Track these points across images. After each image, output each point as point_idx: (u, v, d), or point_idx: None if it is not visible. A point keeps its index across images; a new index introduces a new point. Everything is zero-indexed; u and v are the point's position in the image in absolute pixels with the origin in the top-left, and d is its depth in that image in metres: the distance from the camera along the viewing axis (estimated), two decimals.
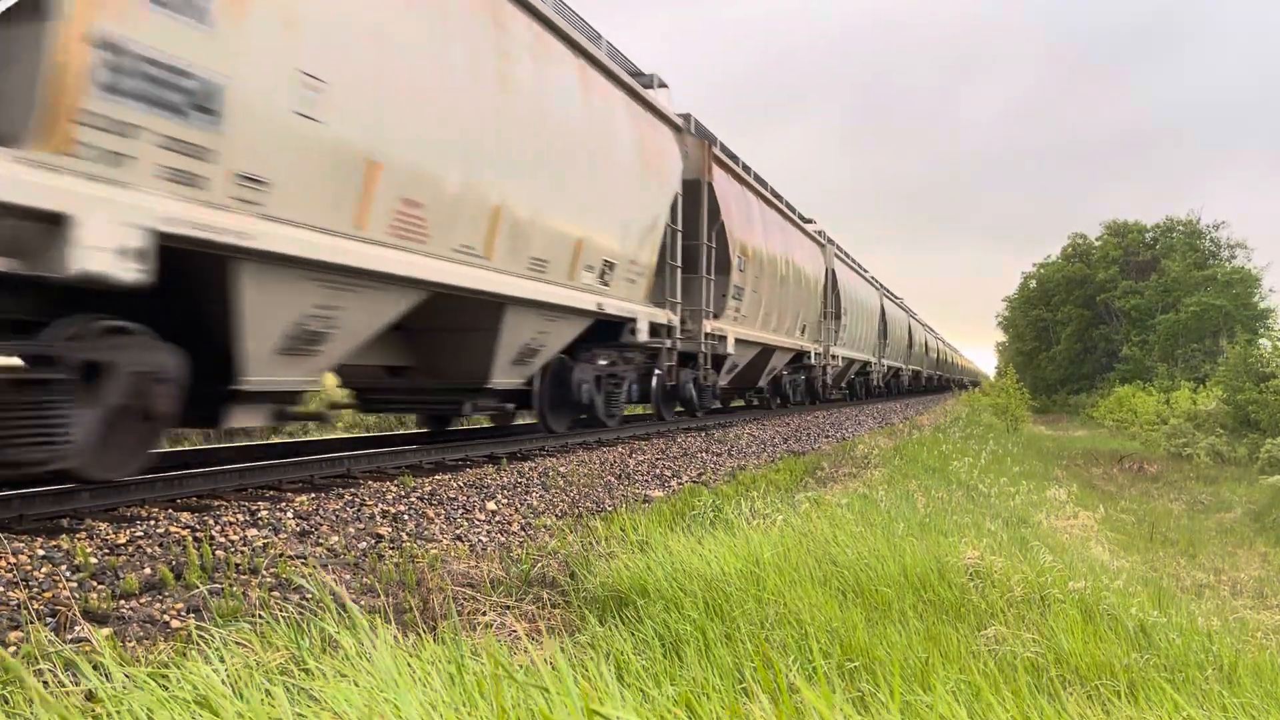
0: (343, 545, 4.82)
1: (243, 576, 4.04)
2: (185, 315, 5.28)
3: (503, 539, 5.53)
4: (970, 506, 8.75)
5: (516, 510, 6.28)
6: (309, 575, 3.96)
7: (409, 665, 2.43)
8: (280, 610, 3.36)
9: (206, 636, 2.90)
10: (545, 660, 2.42)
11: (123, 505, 5.17)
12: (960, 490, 9.99)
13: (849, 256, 26.77)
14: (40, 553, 4.03)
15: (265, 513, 5.16)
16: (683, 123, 12.42)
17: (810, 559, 4.86)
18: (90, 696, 2.46)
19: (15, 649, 2.97)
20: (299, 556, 4.43)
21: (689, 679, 3.14)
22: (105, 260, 4.23)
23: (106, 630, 3.22)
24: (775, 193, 17.86)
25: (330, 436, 11.54)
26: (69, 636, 3.13)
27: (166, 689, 2.33)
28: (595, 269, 9.32)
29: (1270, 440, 20.35)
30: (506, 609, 4.06)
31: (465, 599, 4.09)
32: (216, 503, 5.48)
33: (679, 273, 12.19)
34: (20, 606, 3.34)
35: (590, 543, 5.36)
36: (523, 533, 5.75)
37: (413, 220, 6.29)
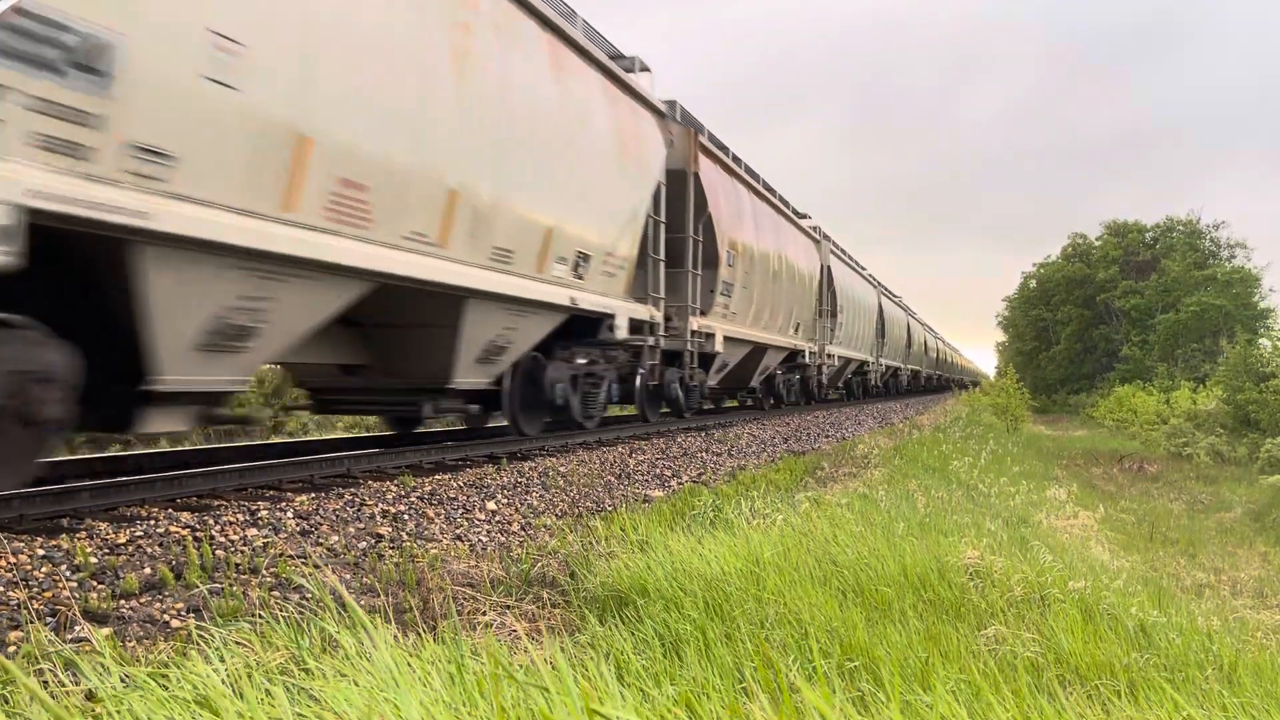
0: (343, 545, 4.82)
1: (243, 576, 4.05)
2: (87, 308, 4.78)
3: (503, 539, 5.53)
4: (970, 506, 8.75)
5: (516, 510, 6.28)
6: (309, 575, 3.96)
7: (409, 665, 2.43)
8: (280, 610, 3.36)
9: (206, 636, 2.90)
10: (545, 660, 2.43)
11: (123, 505, 5.18)
12: (960, 490, 9.99)
13: (845, 253, 26.20)
14: (40, 552, 4.03)
15: (265, 512, 5.16)
16: (667, 109, 11.86)
17: (810, 559, 4.86)
18: (90, 696, 2.46)
19: (15, 649, 2.97)
20: (299, 556, 4.43)
21: (689, 679, 3.14)
22: None
23: (106, 630, 3.22)
24: (768, 186, 17.32)
25: (330, 436, 11.52)
26: (69, 636, 3.13)
27: (166, 689, 2.33)
28: (568, 261, 8.83)
29: (1270, 440, 20.35)
30: (506, 609, 4.06)
31: (465, 599, 4.09)
32: (216, 502, 5.49)
33: (662, 267, 11.61)
34: (20, 606, 3.34)
35: (590, 542, 5.36)
36: (523, 532, 5.75)
37: (353, 203, 5.76)
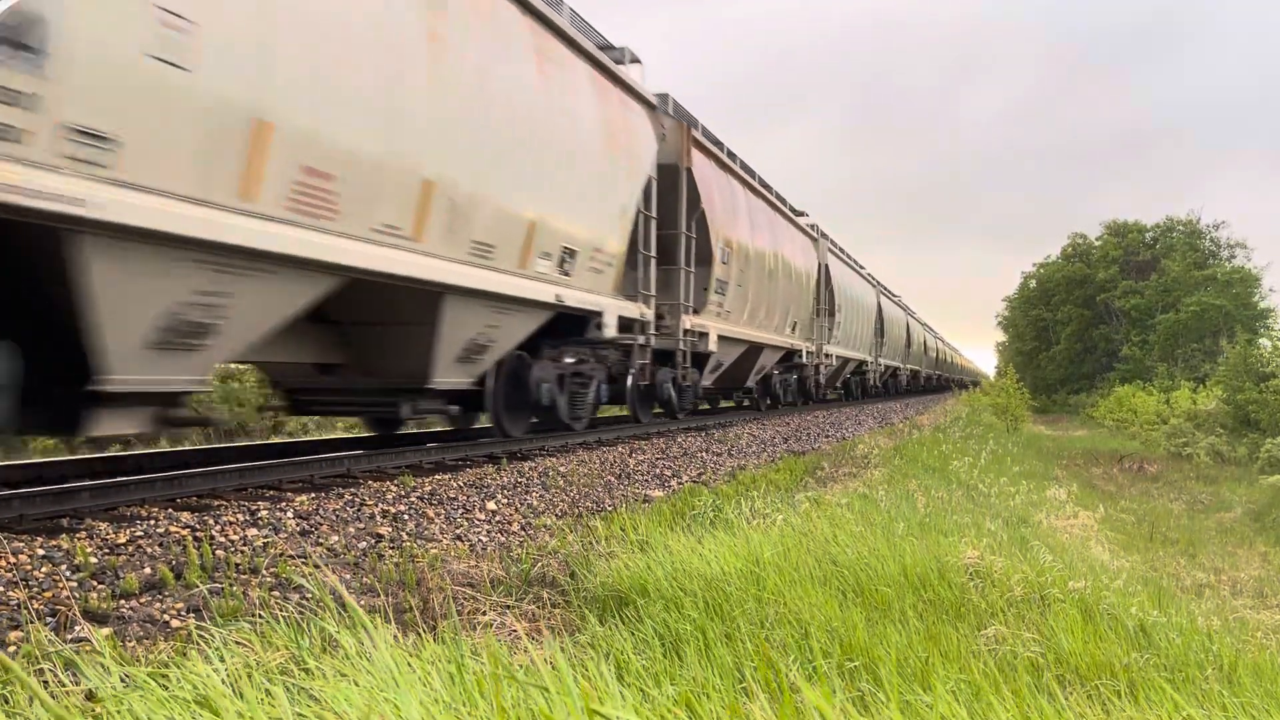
0: (343, 545, 4.82)
1: (243, 576, 4.05)
2: (27, 304, 4.54)
3: (503, 539, 5.53)
4: (970, 506, 8.75)
5: (516, 510, 6.28)
6: (309, 575, 3.96)
7: (409, 665, 2.43)
8: (280, 610, 3.36)
9: (206, 636, 2.90)
10: (545, 660, 2.42)
11: (123, 505, 5.18)
12: (960, 490, 9.99)
13: (844, 252, 25.86)
14: (40, 552, 4.03)
15: (265, 512, 5.16)
16: (658, 102, 11.49)
17: (810, 559, 4.86)
18: (90, 696, 2.46)
19: (15, 649, 2.97)
20: (299, 556, 4.43)
21: (689, 679, 3.14)
22: None
23: (106, 630, 3.22)
24: (764, 182, 17.01)
25: (330, 436, 11.52)
26: (69, 636, 3.13)
27: (167, 689, 2.33)
28: (553, 256, 8.50)
29: (1270, 440, 20.35)
30: (506, 609, 4.06)
31: (465, 599, 4.09)
32: (216, 502, 5.49)
33: (654, 263, 11.26)
34: (20, 606, 3.34)
35: (590, 542, 5.36)
36: (523, 532, 5.75)
37: (318, 193, 5.47)
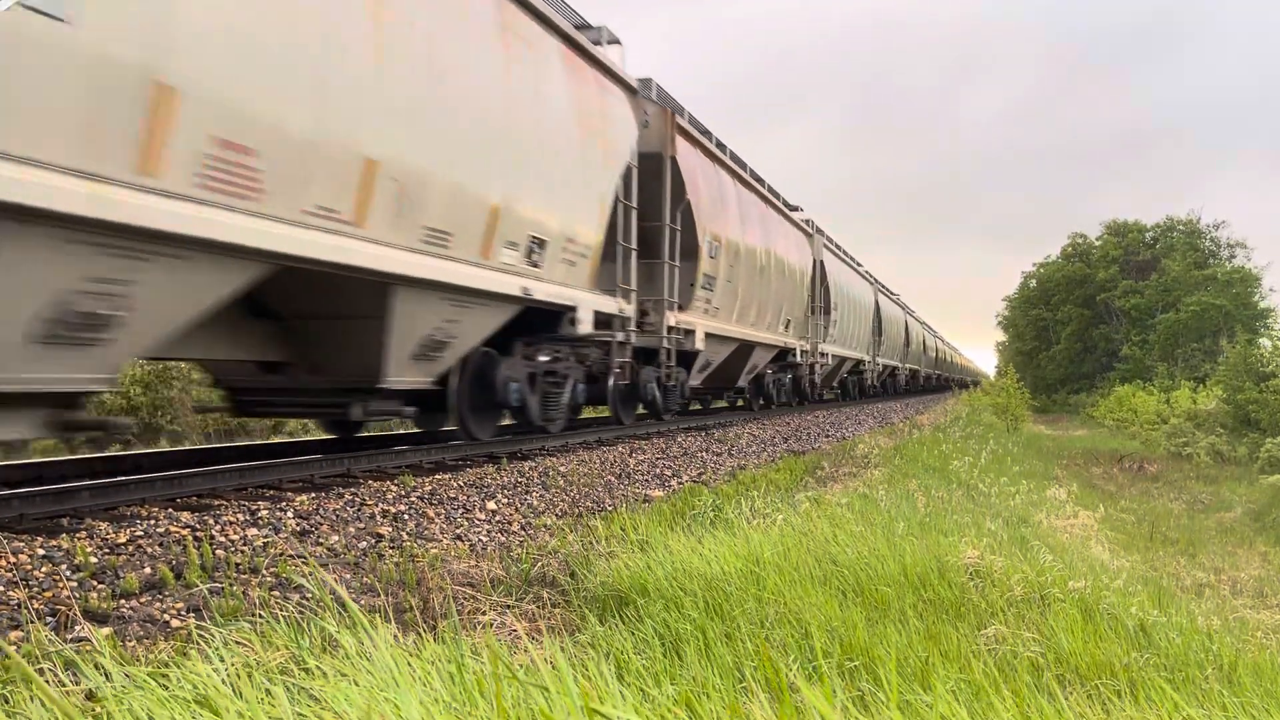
0: (343, 545, 4.82)
1: (243, 576, 4.05)
2: None
3: (503, 538, 5.53)
4: (970, 506, 8.75)
5: (516, 510, 6.28)
6: (309, 575, 3.96)
7: (409, 665, 2.43)
8: (280, 610, 3.36)
9: (207, 636, 2.90)
10: (545, 659, 2.43)
11: (123, 505, 5.18)
12: (960, 490, 9.99)
13: (840, 249, 25.13)
14: (40, 552, 4.03)
15: (265, 512, 5.16)
16: (640, 86, 10.89)
17: (810, 558, 4.86)
18: (91, 696, 2.46)
19: (15, 649, 2.97)
20: (299, 556, 4.43)
21: (689, 678, 3.14)
22: None
23: (106, 630, 3.22)
24: (756, 175, 16.42)
25: (330, 436, 11.48)
26: (69, 636, 3.13)
27: (167, 688, 2.33)
28: (519, 246, 7.91)
29: (1270, 440, 20.36)
30: (506, 608, 4.06)
31: (465, 598, 4.09)
32: (216, 502, 5.49)
33: (634, 256, 10.59)
34: (20, 606, 3.35)
35: (590, 542, 5.36)
36: (523, 532, 5.75)
37: (237, 170, 4.95)
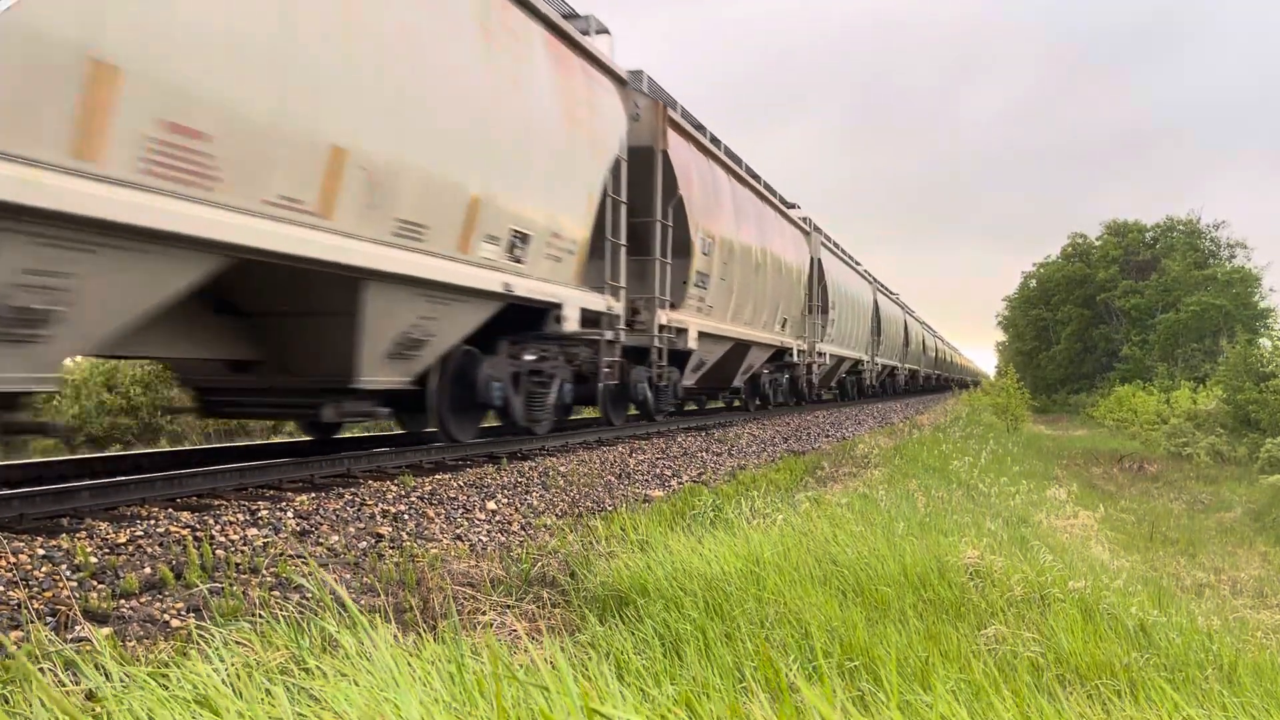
0: (343, 545, 4.82)
1: (243, 576, 4.05)
2: None
3: (503, 538, 5.53)
4: (970, 506, 8.75)
5: (516, 510, 6.28)
6: (309, 575, 3.96)
7: (409, 665, 2.43)
8: (280, 610, 3.36)
9: (207, 636, 2.90)
10: (545, 659, 2.43)
11: (123, 505, 5.18)
12: (960, 490, 10.00)
13: (838, 247, 24.70)
14: (40, 552, 4.03)
15: (265, 512, 5.16)
16: (630, 78, 10.57)
17: (810, 558, 4.86)
18: (91, 696, 2.46)
19: (16, 648, 2.97)
20: (299, 556, 4.43)
21: (689, 678, 3.14)
22: None
23: (106, 630, 3.22)
24: (752, 171, 16.13)
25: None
26: (69, 636, 3.13)
27: (167, 688, 2.33)
28: (500, 240, 7.61)
29: (1270, 440, 20.36)
30: (506, 608, 4.06)
31: (465, 598, 4.09)
32: (216, 502, 5.49)
33: (624, 252, 10.26)
34: (20, 606, 3.35)
35: (590, 542, 5.36)
36: (523, 532, 5.75)
37: (187, 155, 4.66)
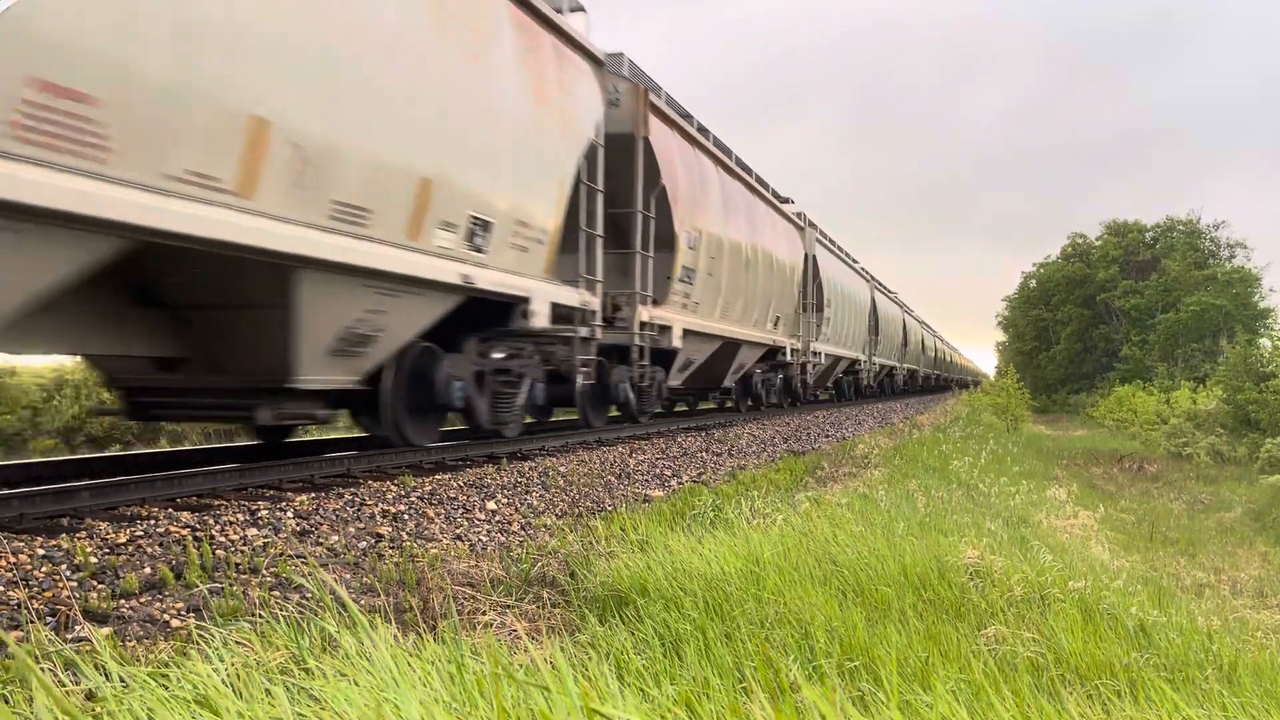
0: (343, 545, 4.82)
1: (243, 576, 4.05)
2: None
3: (503, 538, 5.53)
4: (970, 506, 8.75)
5: (516, 510, 6.28)
6: (309, 575, 3.96)
7: (409, 665, 2.43)
8: (280, 610, 3.36)
9: (206, 636, 2.90)
10: (545, 659, 2.43)
11: (123, 505, 5.18)
12: (960, 490, 10.00)
13: (834, 244, 24.07)
14: (40, 552, 4.03)
15: (265, 512, 5.16)
16: (609, 60, 9.93)
17: (810, 558, 4.86)
18: (91, 696, 2.46)
19: (16, 647, 2.97)
20: (299, 556, 4.43)
21: (689, 678, 3.14)
22: None
23: (106, 630, 3.22)
24: (743, 163, 15.58)
25: (330, 436, 11.49)
26: (69, 636, 3.13)
27: (167, 688, 2.33)
28: (458, 227, 6.99)
29: (1270, 440, 20.36)
30: (506, 608, 4.06)
31: (465, 598, 4.09)
32: (216, 502, 5.49)
33: (599, 244, 9.64)
34: (20, 606, 3.34)
35: (590, 542, 5.36)
36: (523, 532, 5.75)
37: (69, 121, 4.13)
